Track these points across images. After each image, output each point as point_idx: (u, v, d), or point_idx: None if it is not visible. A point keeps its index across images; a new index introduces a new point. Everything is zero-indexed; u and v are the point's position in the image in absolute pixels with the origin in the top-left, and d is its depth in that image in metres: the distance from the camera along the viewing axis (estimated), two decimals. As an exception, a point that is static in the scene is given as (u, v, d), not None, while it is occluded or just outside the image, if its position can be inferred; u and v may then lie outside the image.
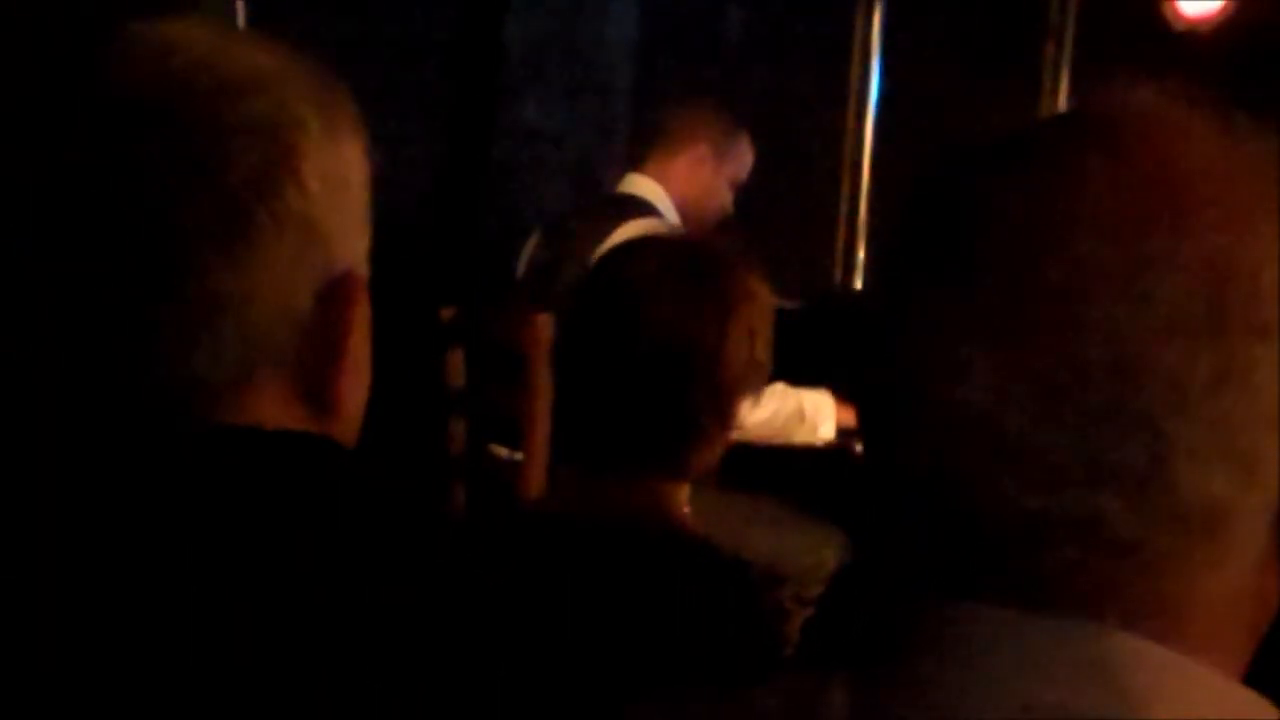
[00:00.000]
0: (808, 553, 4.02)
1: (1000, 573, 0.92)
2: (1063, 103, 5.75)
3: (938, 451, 0.92)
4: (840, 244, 6.21)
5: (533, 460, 4.13)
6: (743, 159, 4.77)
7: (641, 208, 4.54)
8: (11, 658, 1.06)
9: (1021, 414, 0.89)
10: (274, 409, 1.18)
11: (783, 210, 5.51)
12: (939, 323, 0.93)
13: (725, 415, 2.28)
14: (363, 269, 1.23)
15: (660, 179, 4.65)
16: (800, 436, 4.43)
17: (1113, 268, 0.89)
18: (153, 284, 1.12)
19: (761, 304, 2.29)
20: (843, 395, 4.39)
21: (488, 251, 5.51)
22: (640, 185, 4.66)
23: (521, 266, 4.72)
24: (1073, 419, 0.88)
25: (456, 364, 4.55)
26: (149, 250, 1.11)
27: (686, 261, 2.29)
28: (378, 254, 1.25)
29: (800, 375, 4.23)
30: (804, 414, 4.39)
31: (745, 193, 4.80)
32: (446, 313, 4.54)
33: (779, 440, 4.38)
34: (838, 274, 6.23)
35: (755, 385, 2.30)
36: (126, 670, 1.05)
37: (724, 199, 4.74)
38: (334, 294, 1.19)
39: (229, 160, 1.13)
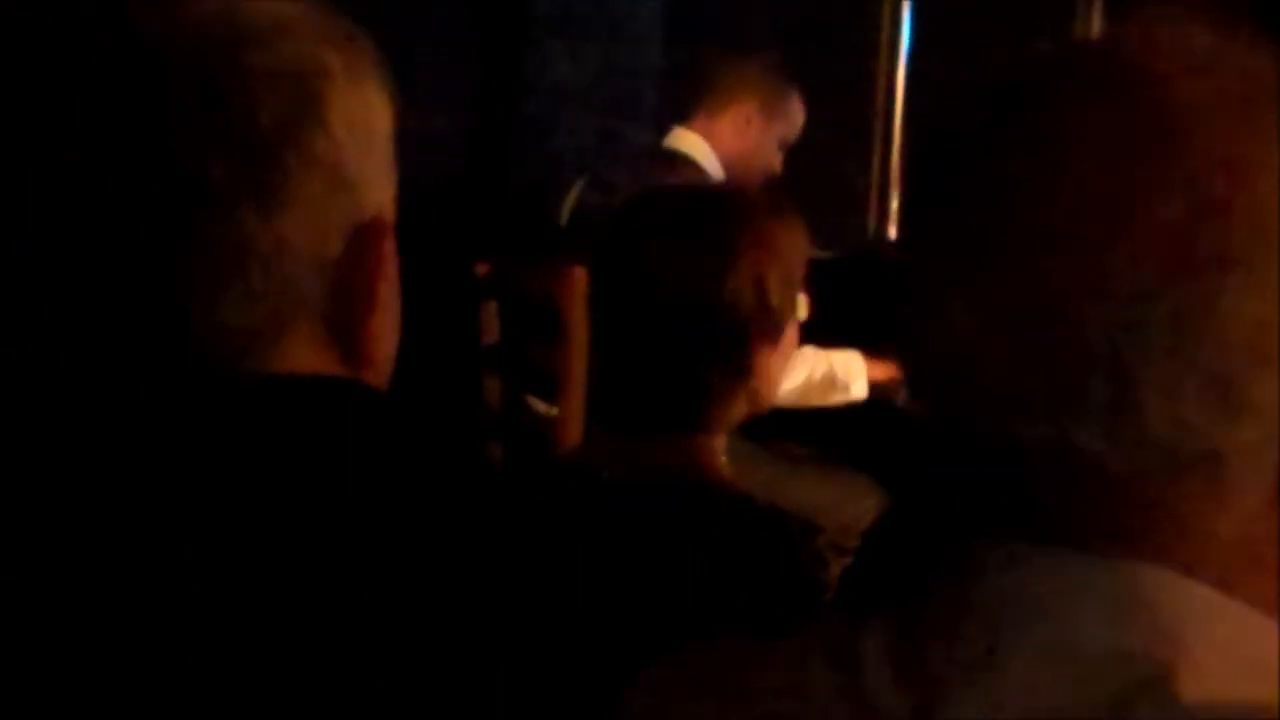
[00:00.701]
0: (847, 504, 4.03)
1: (1008, 509, 0.93)
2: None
3: (938, 388, 0.93)
4: (874, 193, 6.19)
5: (569, 415, 4.13)
6: (792, 119, 4.73)
7: (684, 164, 4.51)
8: (41, 614, 1.06)
9: (998, 349, 0.90)
10: (306, 356, 1.18)
11: (815, 158, 5.49)
12: (928, 266, 0.95)
13: (740, 365, 2.25)
14: (390, 215, 1.23)
15: (706, 134, 4.63)
16: (835, 399, 4.40)
17: (1085, 198, 0.89)
18: (181, 233, 1.12)
19: (776, 247, 2.26)
20: (873, 351, 4.37)
21: (521, 205, 5.50)
22: (685, 140, 4.64)
23: (564, 218, 4.70)
24: (1042, 352, 0.89)
25: (491, 318, 4.55)
26: (177, 199, 1.11)
27: (690, 210, 2.28)
28: (411, 210, 1.26)
29: (834, 326, 4.23)
30: (835, 377, 4.36)
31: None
32: (481, 267, 4.54)
33: (814, 404, 4.35)
34: (871, 222, 6.21)
35: (770, 334, 2.27)
36: (170, 623, 1.06)
37: (771, 159, 4.70)
38: (362, 240, 1.19)
39: (255, 107, 1.13)
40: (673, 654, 1.10)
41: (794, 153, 4.88)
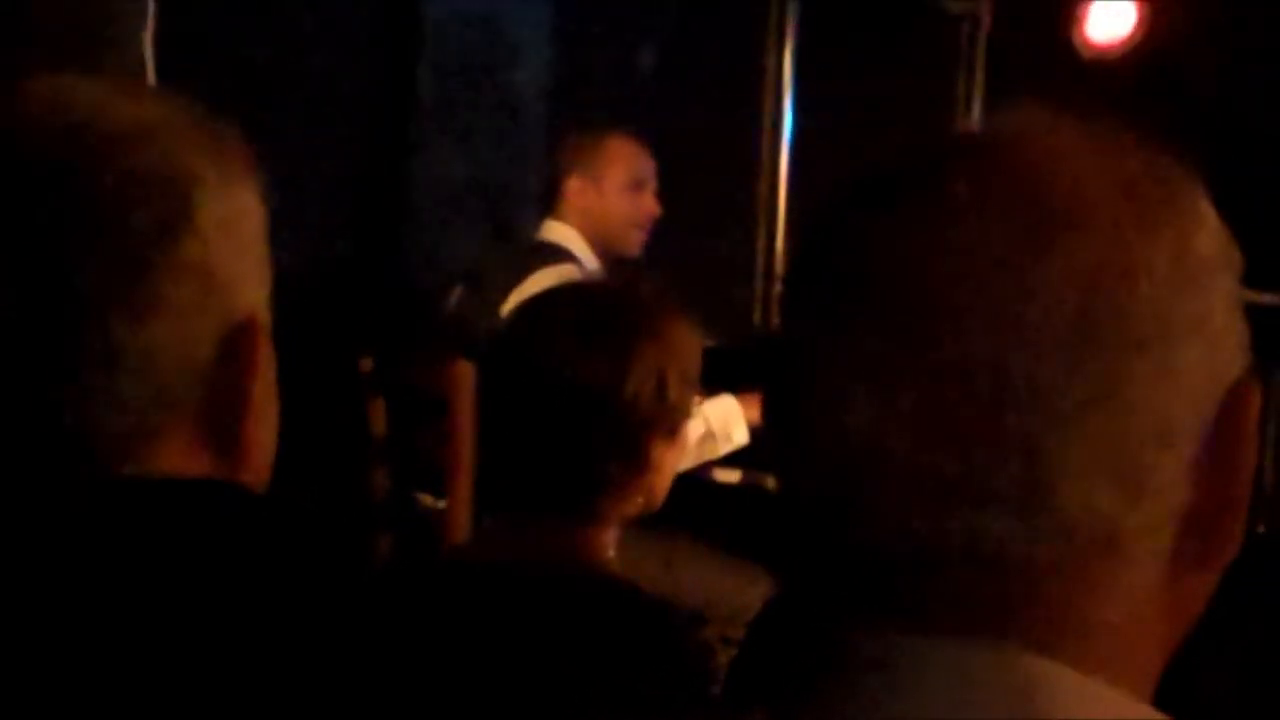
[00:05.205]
0: (735, 593, 4.02)
1: (902, 599, 0.92)
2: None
3: (830, 481, 0.93)
4: (759, 281, 6.22)
5: (457, 508, 4.12)
6: (619, 160, 4.69)
7: (554, 254, 4.53)
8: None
9: (905, 439, 0.89)
10: (180, 458, 1.18)
11: (700, 248, 5.51)
12: (822, 356, 0.93)
13: (637, 459, 2.26)
14: (264, 315, 1.23)
15: (565, 218, 4.65)
16: (719, 452, 4.37)
17: (982, 292, 0.89)
18: (52, 339, 1.11)
19: (673, 345, 2.27)
20: (747, 392, 4.32)
21: (407, 300, 5.50)
22: (554, 231, 4.66)
23: (448, 313, 4.70)
24: (954, 442, 0.88)
25: (378, 413, 4.54)
26: (47, 307, 1.11)
27: (588, 309, 2.30)
28: (296, 305, 1.25)
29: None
30: (714, 432, 4.34)
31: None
32: (366, 362, 4.54)
33: (702, 463, 4.33)
34: (758, 312, 6.23)
35: (669, 428, 2.28)
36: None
37: (629, 210, 4.68)
38: (236, 341, 1.19)
39: (125, 212, 1.13)
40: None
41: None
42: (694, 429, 4.25)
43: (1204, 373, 0.91)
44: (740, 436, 4.37)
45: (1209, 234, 0.94)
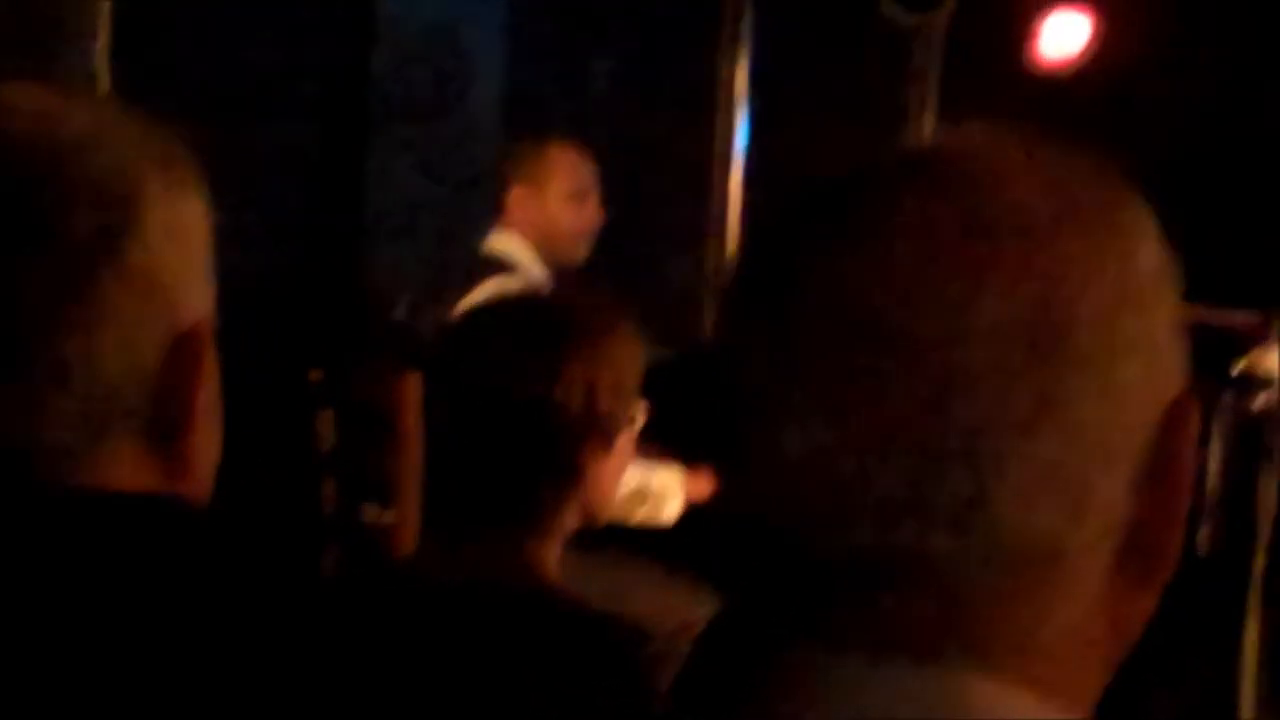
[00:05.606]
0: (681, 609, 4.01)
1: (845, 616, 0.92)
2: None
3: (775, 498, 0.92)
4: (711, 295, 6.22)
5: (404, 521, 4.12)
6: (561, 169, 4.70)
7: (501, 265, 4.54)
8: None
9: (848, 457, 0.89)
10: (125, 468, 1.17)
11: (653, 261, 5.52)
12: (767, 372, 0.93)
13: (570, 473, 2.26)
14: (208, 323, 1.22)
15: (511, 228, 4.66)
16: (639, 516, 4.31)
17: (924, 310, 0.89)
18: None
19: (606, 355, 2.27)
20: (696, 466, 4.27)
21: (357, 312, 5.49)
22: (501, 241, 4.67)
23: (391, 328, 4.71)
24: (897, 460, 0.88)
25: (327, 425, 4.53)
26: None
27: (521, 319, 2.31)
28: (246, 316, 1.25)
29: (665, 427, 4.19)
30: (646, 494, 4.30)
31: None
32: (315, 374, 4.53)
33: (619, 518, 4.25)
34: (709, 325, 6.23)
35: (603, 439, 2.28)
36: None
37: (573, 218, 4.69)
38: (181, 349, 1.19)
39: (70, 220, 1.12)
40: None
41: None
42: (628, 481, 4.17)
43: (1145, 390, 0.92)
44: (670, 513, 4.31)
45: (1151, 252, 0.94)
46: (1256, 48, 5.83)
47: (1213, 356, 3.85)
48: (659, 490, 4.29)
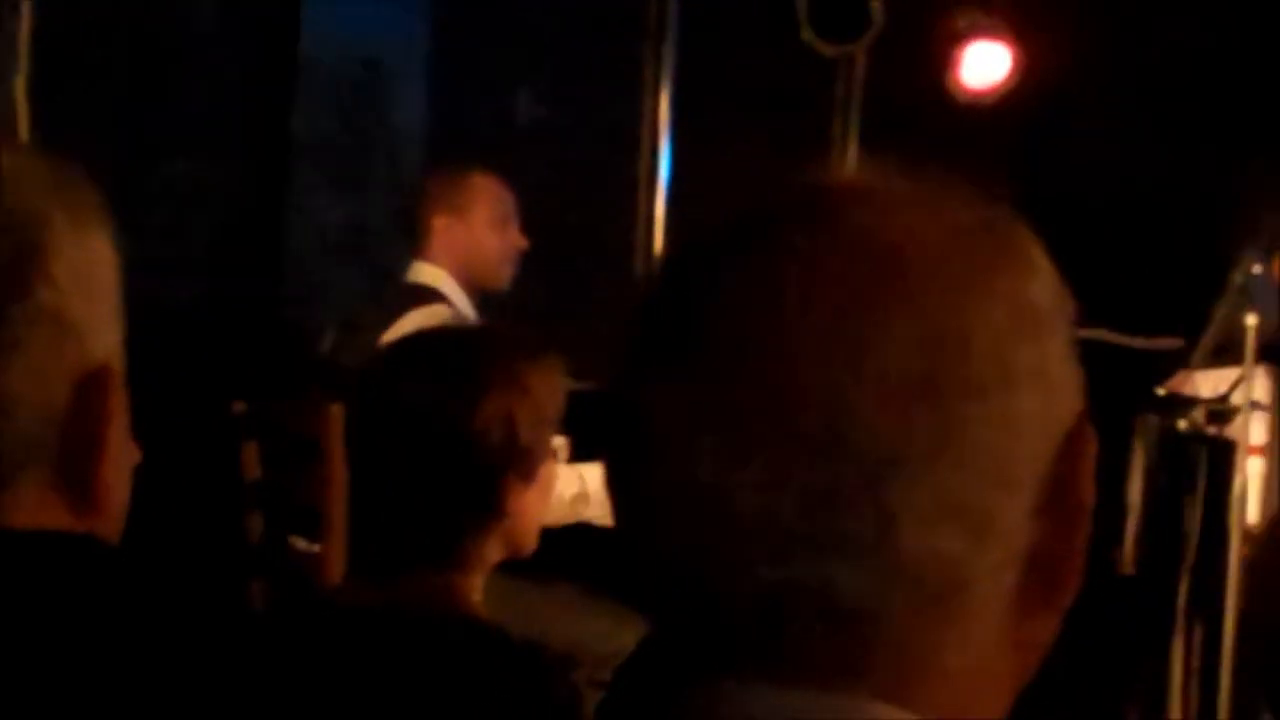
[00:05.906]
0: (608, 637, 4.01)
1: (750, 647, 0.92)
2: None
3: (676, 532, 0.93)
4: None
5: (331, 552, 4.10)
6: (484, 196, 4.72)
7: (425, 296, 4.54)
8: None
9: (750, 490, 0.89)
10: (35, 508, 1.17)
11: (577, 292, 5.52)
12: (665, 407, 0.93)
13: (491, 504, 2.25)
14: (118, 360, 1.22)
15: (436, 261, 4.66)
16: (591, 514, 4.31)
17: (821, 344, 0.90)
18: None
19: (527, 386, 2.27)
20: None
21: (281, 342, 5.47)
22: (423, 272, 4.67)
23: (316, 358, 4.70)
24: (798, 492, 0.89)
25: (252, 457, 4.51)
26: None
27: (441, 350, 2.32)
28: (170, 347, 1.25)
29: (594, 456, 4.19)
30: (589, 493, 4.32)
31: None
32: (239, 406, 4.51)
33: (566, 522, 4.29)
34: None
35: (524, 471, 2.28)
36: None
37: (498, 244, 4.70)
38: (90, 388, 1.18)
39: None
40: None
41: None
42: (567, 485, 4.20)
43: (1043, 418, 0.93)
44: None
45: (1043, 283, 0.95)
46: (1175, 77, 5.89)
47: (1136, 379, 3.88)
48: (597, 488, 4.29)
